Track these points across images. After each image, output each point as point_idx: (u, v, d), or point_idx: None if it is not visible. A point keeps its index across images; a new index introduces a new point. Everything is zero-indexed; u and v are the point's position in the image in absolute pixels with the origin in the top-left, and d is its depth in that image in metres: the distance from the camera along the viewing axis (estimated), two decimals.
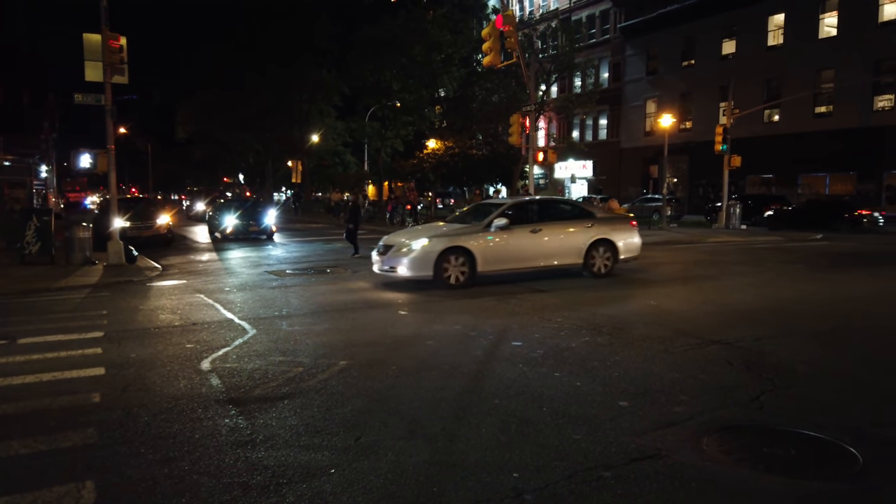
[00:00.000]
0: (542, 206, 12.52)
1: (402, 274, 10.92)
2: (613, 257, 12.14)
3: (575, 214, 12.46)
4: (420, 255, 10.79)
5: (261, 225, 23.02)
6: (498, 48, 19.73)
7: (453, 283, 10.78)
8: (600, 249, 12.03)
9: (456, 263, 10.87)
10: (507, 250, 11.28)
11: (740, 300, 9.92)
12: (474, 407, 5.01)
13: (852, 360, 6.41)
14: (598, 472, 3.84)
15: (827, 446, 4.24)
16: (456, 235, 11.10)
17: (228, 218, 22.90)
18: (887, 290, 10.99)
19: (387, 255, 11.17)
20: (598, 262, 12.05)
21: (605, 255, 12.09)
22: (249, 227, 22.82)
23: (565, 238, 11.86)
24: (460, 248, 10.91)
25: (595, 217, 12.35)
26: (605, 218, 12.59)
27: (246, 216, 23.14)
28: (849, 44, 33.26)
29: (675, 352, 6.61)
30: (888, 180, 33.20)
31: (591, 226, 12.05)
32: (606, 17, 48.86)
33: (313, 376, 5.83)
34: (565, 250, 11.82)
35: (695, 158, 40.75)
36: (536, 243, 11.55)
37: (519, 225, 11.49)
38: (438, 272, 10.74)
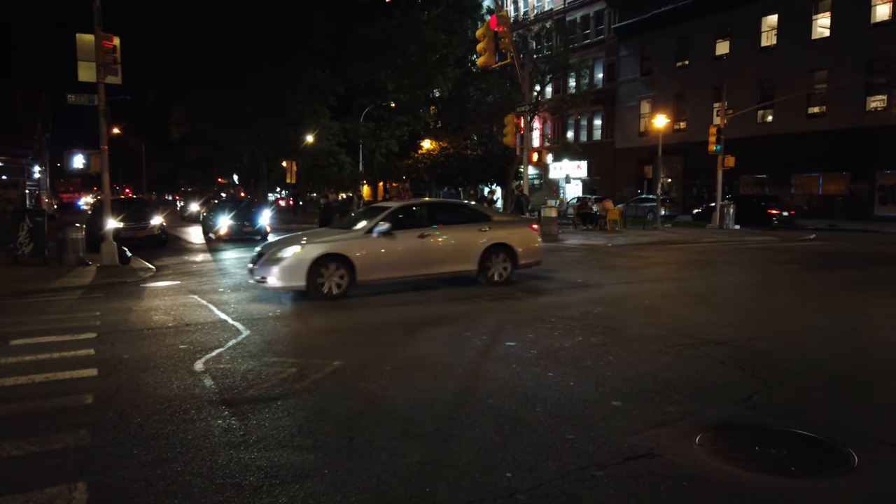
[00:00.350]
0: (433, 210, 11.72)
1: (273, 284, 9.90)
2: (512, 263, 11.33)
3: (469, 218, 11.54)
4: (291, 263, 9.79)
5: (255, 225, 22.93)
6: (492, 49, 19.76)
7: (328, 294, 9.85)
8: (498, 255, 11.22)
9: (333, 272, 9.94)
10: (391, 257, 10.43)
11: (734, 300, 9.96)
12: (468, 407, 5.01)
13: (845, 358, 6.43)
14: (590, 471, 3.85)
15: (820, 445, 4.26)
16: (332, 241, 10.23)
17: (223, 219, 22.81)
18: (879, 290, 11.03)
19: (257, 263, 10.17)
20: (496, 268, 11.22)
21: (502, 261, 11.27)
22: (244, 228, 22.68)
23: (458, 243, 11.04)
24: (337, 255, 9.98)
25: (492, 221, 11.53)
26: (503, 222, 11.88)
27: (240, 217, 23.05)
28: (842, 44, 33.42)
29: (669, 351, 6.63)
30: (881, 180, 33.37)
31: (487, 230, 11.20)
32: (601, 18, 48.95)
33: (306, 377, 5.82)
34: (458, 256, 11.00)
35: (689, 159, 40.87)
36: (425, 249, 10.71)
37: (406, 229, 10.69)
38: (312, 282, 9.78)
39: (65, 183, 67.79)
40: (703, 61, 40.96)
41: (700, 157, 34.66)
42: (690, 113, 42.00)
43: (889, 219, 31.49)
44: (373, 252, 10.31)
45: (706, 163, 32.95)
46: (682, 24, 41.74)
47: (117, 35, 14.53)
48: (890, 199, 33.02)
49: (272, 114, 44.82)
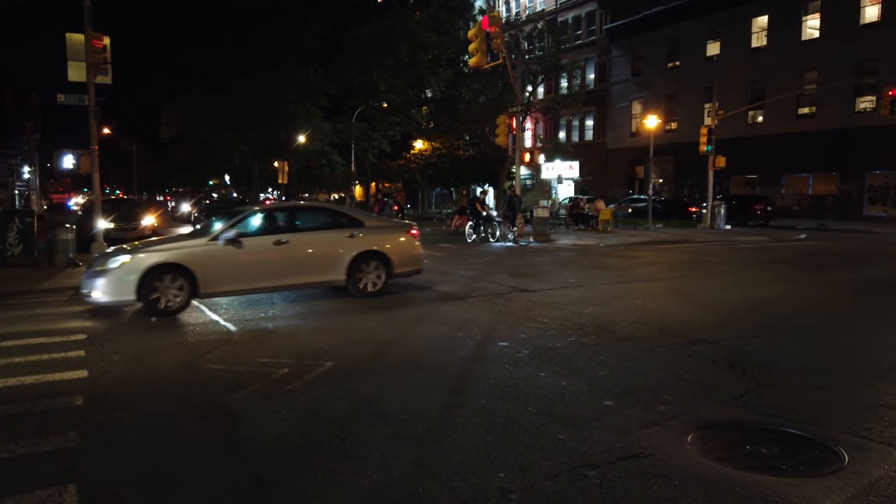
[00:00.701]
0: (294, 214, 10.66)
1: (98, 300, 8.73)
2: (386, 272, 10.41)
3: (337, 223, 10.59)
4: (119, 274, 8.65)
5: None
6: (484, 49, 19.77)
7: (165, 309, 8.77)
8: (370, 263, 10.29)
9: (169, 284, 8.82)
10: (240, 267, 9.35)
11: (724, 299, 10.00)
12: (460, 407, 5.01)
13: (834, 357, 6.47)
14: (582, 471, 3.86)
15: (810, 443, 4.29)
16: (170, 249, 9.17)
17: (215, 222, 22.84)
18: (868, 289, 11.11)
19: (85, 274, 9.23)
20: (367, 278, 10.27)
21: (375, 269, 10.33)
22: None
23: (322, 251, 10.08)
24: (174, 265, 8.87)
25: (363, 226, 10.57)
26: (377, 227, 10.92)
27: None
28: (831, 46, 33.66)
29: (660, 351, 6.65)
30: (870, 180, 33.62)
31: (357, 236, 10.28)
32: (592, 19, 49.09)
33: (298, 378, 5.81)
34: (321, 265, 9.98)
35: (680, 159, 41.04)
36: (282, 257, 9.66)
37: (259, 236, 9.77)
38: (145, 296, 8.65)
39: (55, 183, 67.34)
40: (693, 62, 41.15)
41: (691, 158, 34.83)
42: (681, 113, 42.18)
43: (878, 219, 31.73)
44: (218, 261, 9.22)
45: (697, 163, 33.10)
46: (673, 25, 41.93)
47: (108, 35, 14.45)
48: (879, 199, 33.28)
49: (264, 114, 44.64)
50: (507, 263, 15.45)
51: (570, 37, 47.55)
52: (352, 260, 10.12)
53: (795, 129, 35.50)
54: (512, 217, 21.86)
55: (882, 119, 27.87)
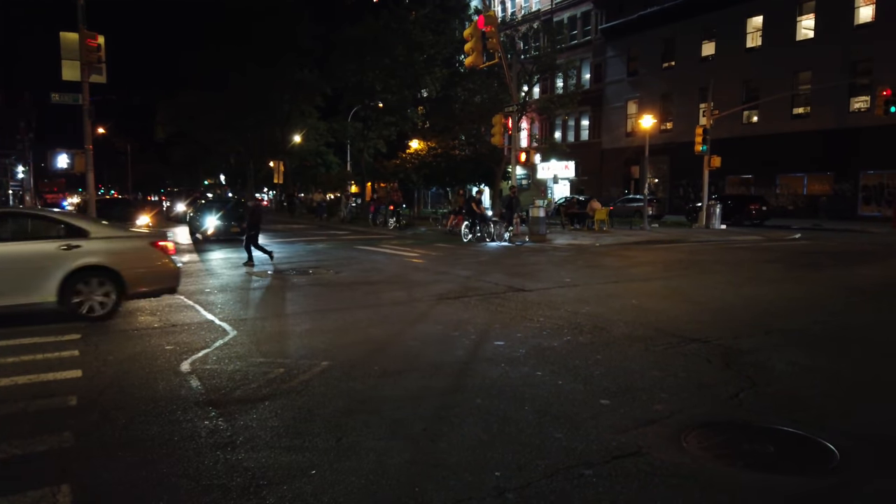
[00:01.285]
0: None
1: None
2: (118, 291, 8.58)
3: (48, 232, 8.65)
4: None
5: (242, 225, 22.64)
6: (480, 49, 19.77)
7: None
8: (93, 281, 8.46)
9: None
10: None
11: (720, 299, 10.02)
12: (456, 406, 5.01)
13: (829, 356, 6.49)
14: (579, 470, 3.86)
15: (805, 442, 4.29)
16: None
17: (210, 219, 22.14)
18: (862, 288, 11.15)
19: None
20: (91, 299, 8.44)
21: (101, 288, 8.50)
22: (231, 228, 21.91)
23: (21, 265, 8.14)
24: None
25: (88, 236, 8.60)
26: (108, 237, 8.92)
27: (228, 217, 22.32)
28: (825, 46, 33.76)
29: (656, 350, 6.66)
30: (864, 180, 33.75)
31: (76, 248, 8.34)
32: (587, 19, 49.15)
33: (294, 377, 5.79)
34: (21, 283, 8.08)
35: (675, 159, 41.12)
36: None
37: None
38: None
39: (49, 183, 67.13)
40: (689, 62, 41.23)
41: (686, 158, 34.89)
42: (677, 113, 42.26)
43: (872, 218, 31.83)
44: None
45: (692, 163, 33.17)
46: (668, 25, 42.00)
47: (102, 34, 14.41)
48: (873, 198, 33.39)
49: (259, 114, 44.62)
50: (503, 263, 15.46)
51: (566, 37, 47.55)
52: (66, 277, 8.22)
53: (790, 129, 35.60)
54: (509, 217, 21.84)
55: (876, 119, 27.98)
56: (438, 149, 38.09)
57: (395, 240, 23.11)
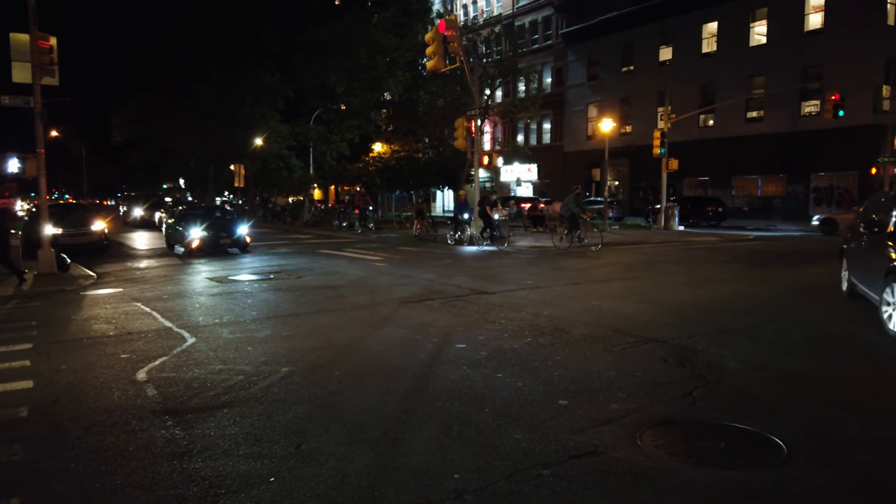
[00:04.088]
0: None
1: None
2: None
3: None
4: None
5: (233, 236, 19.31)
6: (441, 52, 19.85)
7: None
8: None
9: None
10: None
11: (676, 299, 10.24)
12: (417, 410, 5.03)
13: (779, 354, 6.69)
14: (537, 470, 3.91)
15: (755, 438, 4.43)
16: None
17: (194, 229, 18.76)
18: (812, 287, 11.52)
19: None
20: None
21: None
22: (220, 240, 19.08)
23: None
24: None
25: None
26: None
27: (215, 227, 19.40)
28: (778, 51, 34.78)
29: (614, 350, 6.79)
30: (815, 182, 34.85)
31: None
32: (549, 23, 49.70)
33: (254, 384, 5.74)
34: None
35: (635, 162, 41.84)
36: None
37: None
38: None
39: None
40: (647, 67, 42.02)
41: (645, 160, 35.54)
42: (636, 117, 43.03)
43: None
44: None
45: (652, 165, 33.80)
46: (627, 30, 42.76)
47: (55, 35, 14.04)
48: (823, 199, 34.51)
49: (220, 117, 43.94)
50: (466, 266, 15.54)
51: (527, 41, 48.09)
52: None
53: (745, 133, 36.58)
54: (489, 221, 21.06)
55: (825, 122, 28.96)
56: (402, 152, 38.12)
57: (359, 243, 23.02)
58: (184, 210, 22.67)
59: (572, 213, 19.92)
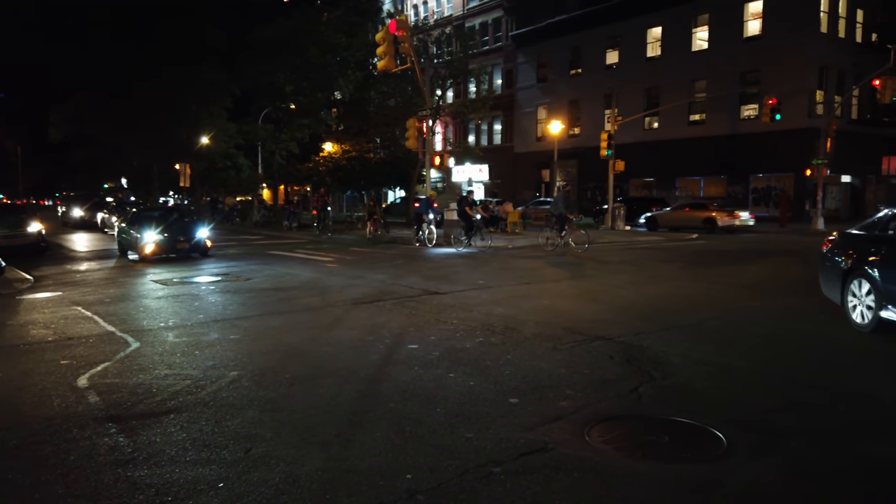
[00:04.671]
0: None
1: None
2: None
3: None
4: None
5: (192, 239, 17.87)
6: (392, 53, 19.81)
7: None
8: None
9: None
10: None
11: (623, 297, 10.49)
12: (370, 411, 5.03)
13: (720, 350, 6.94)
14: (488, 468, 3.97)
15: (697, 431, 4.59)
16: None
17: (149, 233, 17.24)
18: (751, 284, 11.97)
19: None
20: None
21: None
22: (177, 244, 17.66)
23: None
24: None
25: None
26: None
27: (172, 230, 17.94)
28: (718, 57, 35.96)
29: (563, 349, 6.92)
30: (754, 183, 36.18)
31: None
32: (499, 25, 50.16)
33: (202, 388, 5.63)
34: None
35: (583, 163, 42.62)
36: None
37: None
38: None
39: None
40: (595, 70, 42.85)
41: (593, 162, 36.26)
42: (584, 119, 43.82)
43: (761, 218, 34.10)
44: None
45: (599, 167, 34.49)
46: (575, 33, 43.51)
47: None
48: (762, 200, 35.86)
49: (164, 115, 42.74)
50: (418, 266, 15.55)
51: (478, 42, 48.36)
52: None
53: (688, 135, 37.69)
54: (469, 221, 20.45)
55: (763, 126, 30.09)
56: (353, 151, 37.86)
57: (310, 244, 22.76)
58: (138, 212, 20.81)
59: (561, 213, 18.87)
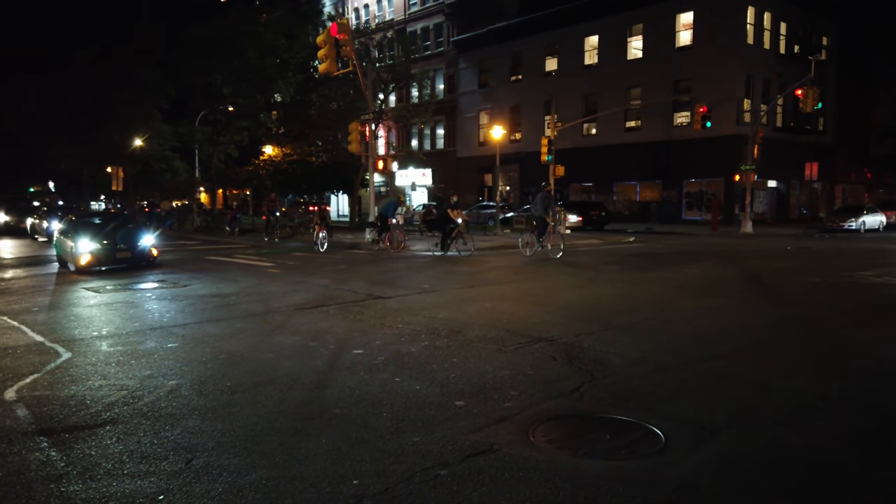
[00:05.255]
0: None
1: None
2: None
3: None
4: None
5: (136, 248, 16.31)
6: (334, 56, 19.68)
7: None
8: None
9: None
10: None
11: (565, 299, 10.73)
12: (315, 418, 4.98)
13: (657, 348, 7.18)
14: (435, 471, 4.00)
15: (636, 428, 4.74)
16: None
17: (83, 241, 15.58)
18: (685, 285, 12.43)
19: None
20: None
21: None
22: (117, 253, 16.00)
23: None
24: None
25: None
26: None
27: (112, 238, 16.22)
28: (652, 65, 37.20)
29: (507, 351, 7.02)
30: (687, 188, 37.53)
31: None
32: (440, 31, 50.45)
33: (139, 399, 5.46)
34: None
35: (525, 167, 43.30)
36: None
37: None
38: None
39: None
40: (534, 76, 43.63)
41: (534, 166, 36.88)
42: (525, 124, 44.53)
43: (694, 222, 35.45)
44: None
45: (540, 171, 35.13)
46: (515, 40, 44.21)
47: None
48: (694, 204, 37.24)
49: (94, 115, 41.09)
50: (362, 271, 15.47)
51: (420, 47, 48.51)
52: None
53: (624, 141, 38.81)
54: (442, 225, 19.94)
55: (695, 132, 31.26)
56: (294, 155, 37.36)
57: (250, 249, 22.32)
58: (75, 218, 18.89)
59: (540, 216, 17.93)
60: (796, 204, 42.11)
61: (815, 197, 44.05)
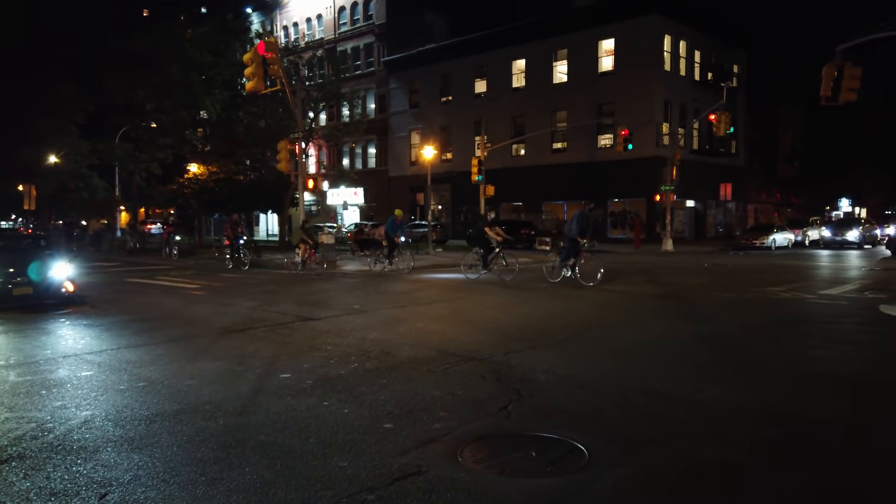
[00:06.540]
0: None
1: None
2: None
3: None
4: None
5: (39, 279, 12.69)
6: (261, 74, 19.41)
7: None
8: None
9: None
10: None
11: (494, 318, 10.86)
12: (238, 446, 4.84)
13: (583, 365, 7.37)
14: (362, 495, 3.95)
15: (561, 445, 4.84)
16: None
17: None
18: (612, 302, 12.82)
19: None
20: None
21: None
22: (14, 289, 12.36)
23: None
24: None
25: None
26: None
27: (6, 266, 12.66)
28: (576, 89, 38.48)
29: (437, 371, 7.04)
30: (612, 207, 38.81)
31: None
32: (370, 51, 50.60)
33: (49, 431, 5.17)
34: None
35: (456, 187, 43.74)
36: None
37: None
38: None
39: None
40: (464, 97, 44.32)
41: (466, 186, 37.32)
42: (456, 145, 45.08)
43: (619, 240, 36.64)
44: None
45: (471, 191, 35.57)
46: (445, 61, 44.85)
47: None
48: (619, 223, 38.53)
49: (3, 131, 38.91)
50: (291, 291, 15.20)
51: (350, 66, 48.53)
52: None
53: (551, 162, 39.86)
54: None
55: (618, 154, 32.45)
56: (220, 173, 36.43)
57: (173, 270, 21.57)
58: None
59: (573, 237, 15.67)
60: (713, 223, 44.22)
61: (730, 216, 46.42)
